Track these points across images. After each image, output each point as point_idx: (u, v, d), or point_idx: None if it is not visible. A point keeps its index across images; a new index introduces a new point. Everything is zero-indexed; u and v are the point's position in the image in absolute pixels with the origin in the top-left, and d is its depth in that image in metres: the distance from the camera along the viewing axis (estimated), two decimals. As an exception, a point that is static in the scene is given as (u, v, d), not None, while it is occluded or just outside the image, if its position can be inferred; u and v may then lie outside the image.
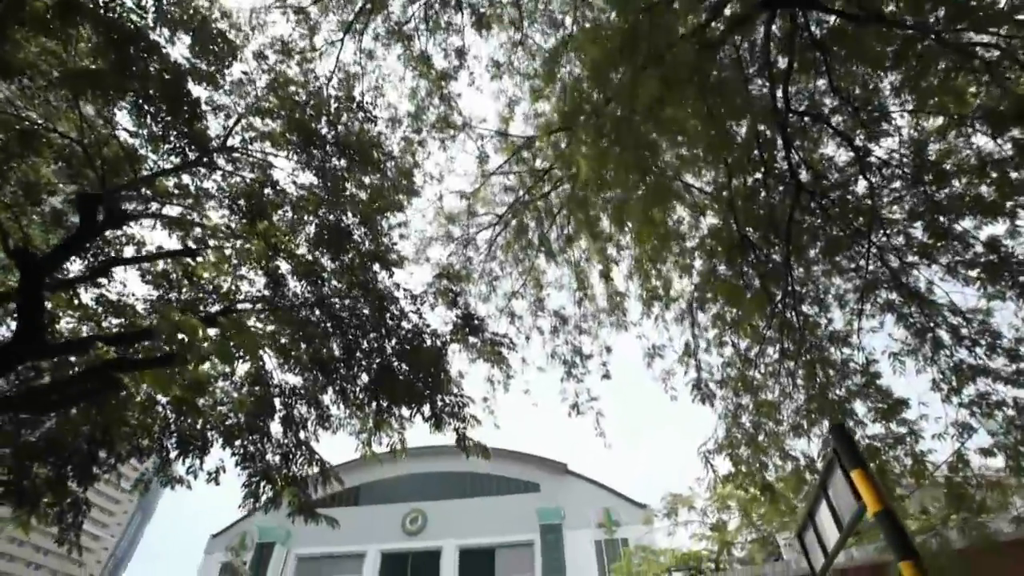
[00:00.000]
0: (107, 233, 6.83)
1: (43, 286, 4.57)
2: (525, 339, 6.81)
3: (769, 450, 4.99)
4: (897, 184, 4.59)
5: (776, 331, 5.17)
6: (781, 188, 5.14)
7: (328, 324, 7.51)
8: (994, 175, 4.07)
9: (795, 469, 4.94)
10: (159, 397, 7.75)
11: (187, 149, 5.77)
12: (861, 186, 4.85)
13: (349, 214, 6.92)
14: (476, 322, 6.34)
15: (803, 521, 3.31)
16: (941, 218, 4.33)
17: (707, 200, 5.37)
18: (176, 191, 7.04)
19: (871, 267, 4.90)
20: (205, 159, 5.95)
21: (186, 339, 3.56)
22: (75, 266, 6.68)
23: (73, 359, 7.20)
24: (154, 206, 6.44)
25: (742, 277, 5.42)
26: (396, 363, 6.67)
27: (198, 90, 6.19)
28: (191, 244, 7.17)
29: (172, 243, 7.49)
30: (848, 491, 2.40)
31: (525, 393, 6.78)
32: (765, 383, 5.20)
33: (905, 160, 4.47)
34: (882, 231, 4.77)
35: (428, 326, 6.62)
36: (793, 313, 5.30)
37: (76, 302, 7.18)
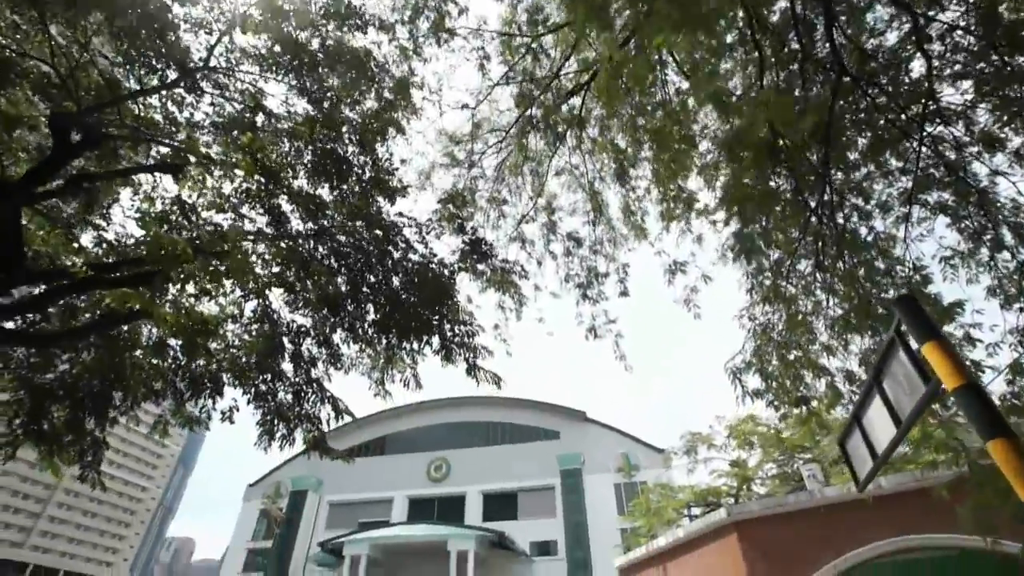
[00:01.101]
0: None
1: (18, 212, 4.32)
2: (537, 264, 6.46)
3: (802, 365, 4.63)
4: (961, 57, 3.96)
5: (811, 241, 4.70)
6: (820, 78, 4.54)
7: (332, 260, 7.26)
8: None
9: (830, 385, 4.59)
10: (170, 341, 7.70)
11: (167, 68, 5.33)
12: (916, 68, 4.23)
13: (346, 139, 6.48)
14: (484, 248, 5.98)
15: (847, 427, 2.98)
16: (1013, 93, 3.73)
17: (735, 98, 4.79)
18: (166, 124, 6.67)
19: (922, 164, 4.34)
20: (187, 80, 5.52)
21: (167, 252, 3.28)
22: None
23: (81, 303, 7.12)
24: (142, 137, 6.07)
25: (774, 185, 4.90)
26: (403, 296, 6.40)
27: (175, 8, 5.70)
28: (187, 187, 6.88)
29: (170, 187, 7.21)
30: (915, 373, 2.03)
31: (539, 322, 6.51)
32: (798, 296, 4.78)
33: (973, 27, 3.83)
34: (939, 119, 4.18)
35: (435, 256, 6.29)
36: (831, 224, 4.81)
37: (76, 245, 7.00)
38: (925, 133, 4.20)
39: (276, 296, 7.56)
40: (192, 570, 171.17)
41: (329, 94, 6.47)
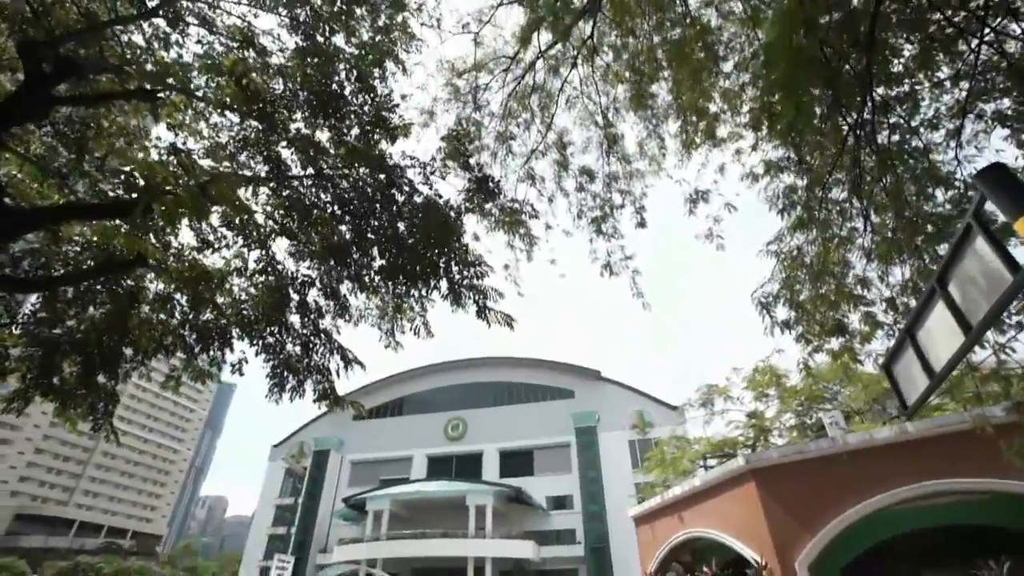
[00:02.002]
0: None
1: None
2: (548, 201, 6.08)
3: (837, 296, 4.28)
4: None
5: (849, 162, 4.27)
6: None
7: (335, 207, 7.00)
8: None
9: (867, 316, 4.24)
10: (177, 296, 7.60)
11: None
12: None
13: (342, 73, 6.08)
14: (492, 186, 5.63)
15: (894, 348, 2.67)
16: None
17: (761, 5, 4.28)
18: (154, 67, 6.31)
19: (981, 67, 3.84)
20: (168, 9, 5.13)
21: (143, 179, 3.02)
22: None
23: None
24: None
25: (808, 101, 4.43)
26: (409, 240, 6.13)
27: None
28: (179, 135, 6.58)
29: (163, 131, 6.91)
30: (998, 264, 1.69)
31: (551, 263, 6.20)
32: (832, 221, 4.38)
33: None
34: (1006, 11, 3.65)
35: (440, 197, 5.97)
36: (871, 143, 4.35)
37: (67, 191, 6.82)
38: (987, 29, 3.69)
39: (280, 248, 7.37)
40: (226, 525, 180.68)
41: (321, 24, 6.03)
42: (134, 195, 3.55)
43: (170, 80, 4.45)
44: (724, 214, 5.01)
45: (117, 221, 5.61)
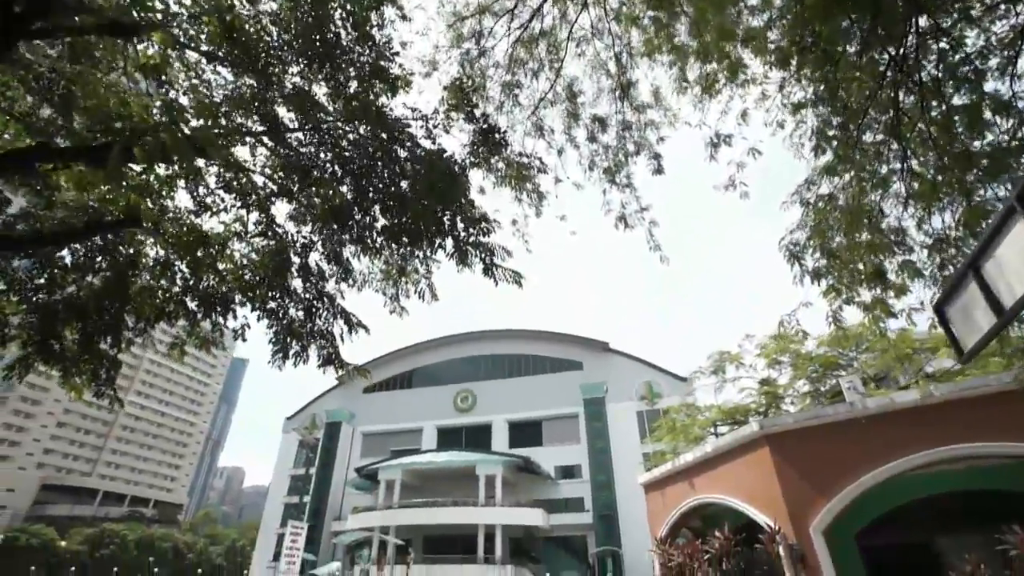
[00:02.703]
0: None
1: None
2: (557, 154, 5.73)
3: (873, 242, 3.95)
4: None
5: (887, 96, 3.90)
6: None
7: (335, 166, 6.72)
8: None
9: (906, 265, 3.92)
10: (178, 264, 7.43)
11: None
12: None
13: (338, 20, 5.71)
14: (498, 137, 5.30)
15: (952, 285, 2.39)
16: None
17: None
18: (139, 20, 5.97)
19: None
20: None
21: (119, 119, 2.76)
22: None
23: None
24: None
25: (842, 39, 4.03)
26: (412, 198, 5.85)
27: None
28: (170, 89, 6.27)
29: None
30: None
31: (561, 220, 5.90)
32: (868, 162, 4.03)
33: None
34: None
35: (444, 151, 5.66)
36: (912, 79, 3.96)
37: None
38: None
39: (281, 212, 7.15)
40: (244, 495, 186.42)
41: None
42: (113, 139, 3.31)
43: (148, 8, 4.09)
44: (748, 160, 4.65)
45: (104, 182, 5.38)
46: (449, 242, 5.64)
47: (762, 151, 4.59)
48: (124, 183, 5.12)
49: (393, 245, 6.67)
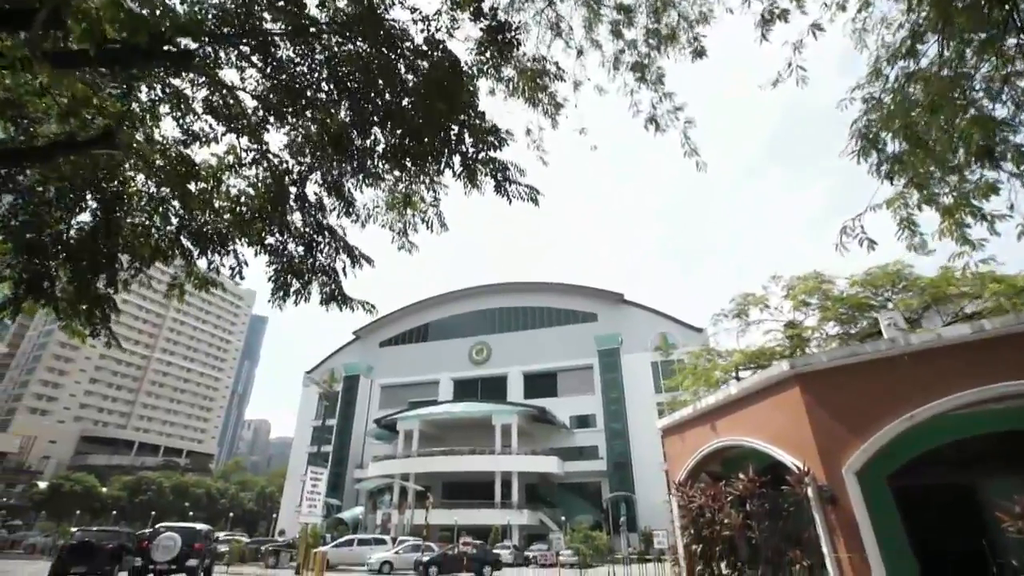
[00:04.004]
0: None
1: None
2: (577, 54, 5.00)
3: (973, 117, 3.25)
4: None
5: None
6: None
7: (330, 86, 6.08)
8: None
9: (1019, 151, 3.22)
10: (171, 200, 6.98)
11: None
12: None
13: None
14: (509, 35, 4.60)
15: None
16: None
17: None
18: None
19: None
20: None
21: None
22: None
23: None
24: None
25: None
26: (414, 114, 5.23)
27: None
28: None
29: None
30: None
31: (580, 133, 5.24)
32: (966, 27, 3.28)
33: None
34: None
35: (449, 56, 4.98)
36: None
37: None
38: None
39: (276, 143, 6.59)
40: (271, 445, 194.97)
41: None
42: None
43: None
44: (808, 40, 3.90)
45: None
46: (456, 160, 5.06)
47: (824, 27, 3.82)
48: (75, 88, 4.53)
49: (396, 171, 6.12)
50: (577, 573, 17.72)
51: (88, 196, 6.80)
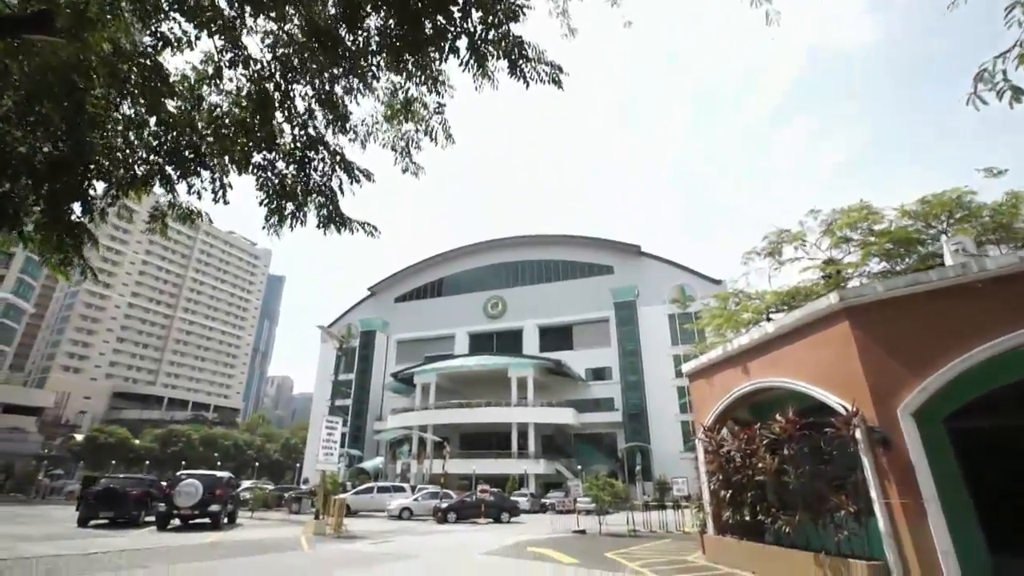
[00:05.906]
0: None
1: None
2: None
3: None
4: None
5: None
6: None
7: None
8: None
9: None
10: (147, 118, 6.21)
11: None
12: None
13: None
14: None
15: None
16: None
17: None
18: None
19: None
20: None
21: None
22: None
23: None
24: None
25: None
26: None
27: None
28: None
29: None
30: None
31: (613, 6, 4.29)
32: None
33: None
34: None
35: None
36: None
37: None
38: None
39: (254, 45, 5.71)
40: (294, 400, 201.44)
41: None
42: None
43: None
44: None
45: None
46: (463, 44, 4.18)
47: None
48: None
49: (393, 72, 5.25)
50: (594, 519, 17.75)
51: (54, 115, 6.08)
